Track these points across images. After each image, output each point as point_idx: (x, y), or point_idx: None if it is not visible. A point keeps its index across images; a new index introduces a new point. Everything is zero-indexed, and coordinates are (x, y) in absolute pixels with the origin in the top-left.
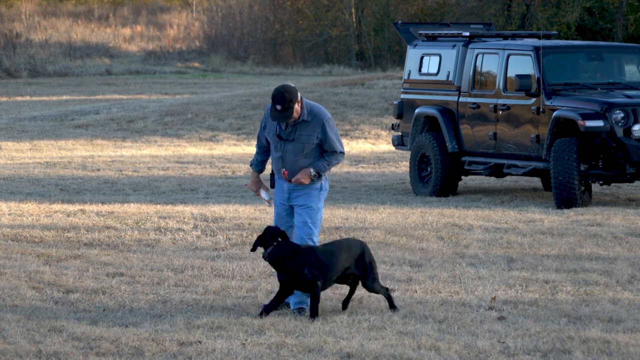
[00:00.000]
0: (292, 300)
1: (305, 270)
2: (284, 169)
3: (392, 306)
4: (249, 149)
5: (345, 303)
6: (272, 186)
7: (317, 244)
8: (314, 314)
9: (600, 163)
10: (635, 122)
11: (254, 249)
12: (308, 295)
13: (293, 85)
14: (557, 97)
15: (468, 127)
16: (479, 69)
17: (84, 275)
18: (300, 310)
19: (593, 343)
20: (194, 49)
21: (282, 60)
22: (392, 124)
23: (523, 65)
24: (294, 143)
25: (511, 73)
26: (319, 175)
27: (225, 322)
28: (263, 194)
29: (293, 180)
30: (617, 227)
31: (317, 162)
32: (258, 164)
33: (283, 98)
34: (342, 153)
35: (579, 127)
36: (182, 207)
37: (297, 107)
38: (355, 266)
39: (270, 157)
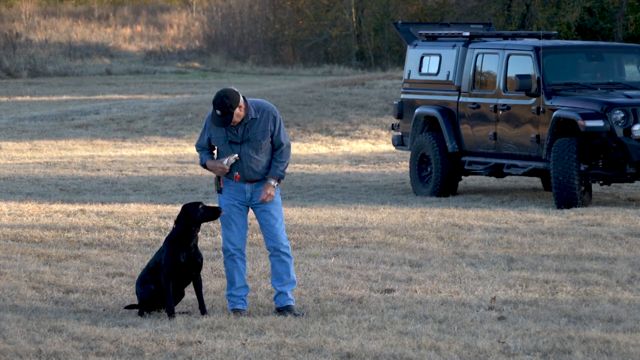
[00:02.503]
0: (277, 299)
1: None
2: (236, 173)
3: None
4: None
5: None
6: (219, 191)
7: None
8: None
9: (600, 163)
10: (635, 122)
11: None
12: (291, 289)
13: (235, 90)
14: (557, 97)
15: (468, 127)
16: (479, 69)
17: (84, 275)
18: (288, 308)
19: (593, 343)
20: (194, 49)
21: (282, 60)
22: (392, 124)
23: (523, 65)
24: (250, 142)
25: (511, 73)
26: (278, 182)
27: (225, 322)
28: (225, 160)
29: (264, 199)
30: (617, 227)
31: (273, 171)
32: (209, 155)
33: (223, 103)
34: (289, 146)
35: (579, 127)
36: None
37: (238, 111)
38: None
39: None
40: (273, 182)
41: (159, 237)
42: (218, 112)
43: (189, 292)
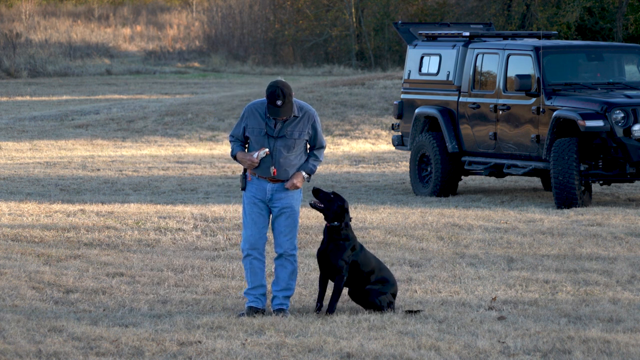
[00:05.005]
0: (272, 301)
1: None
2: (273, 167)
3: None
4: None
5: None
6: (243, 188)
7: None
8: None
9: (600, 163)
10: (635, 122)
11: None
12: (285, 295)
13: (284, 80)
14: (557, 97)
15: (468, 127)
16: (479, 69)
17: (84, 275)
18: (278, 311)
19: (593, 343)
20: (194, 49)
21: (282, 60)
22: (392, 124)
23: (523, 65)
24: (285, 139)
25: (511, 73)
26: (309, 177)
27: (225, 322)
28: (256, 154)
29: (288, 185)
30: (617, 227)
31: (306, 165)
32: (241, 147)
33: (283, 93)
34: (324, 147)
35: (579, 127)
36: (182, 207)
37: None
38: None
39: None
40: (304, 174)
41: (159, 237)
42: (279, 102)
43: (190, 292)
